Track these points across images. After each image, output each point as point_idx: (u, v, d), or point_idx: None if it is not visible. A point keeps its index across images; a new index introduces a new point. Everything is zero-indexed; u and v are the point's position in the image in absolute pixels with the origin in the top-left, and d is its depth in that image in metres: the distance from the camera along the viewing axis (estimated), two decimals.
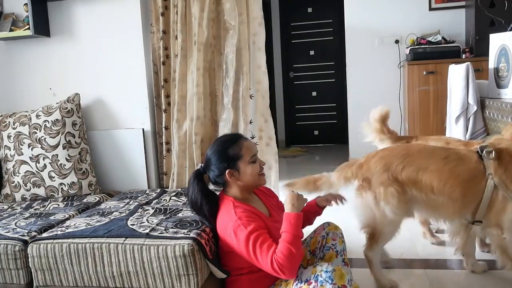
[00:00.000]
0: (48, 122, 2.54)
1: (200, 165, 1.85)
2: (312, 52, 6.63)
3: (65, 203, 2.42)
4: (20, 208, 2.39)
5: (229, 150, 1.74)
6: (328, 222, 1.87)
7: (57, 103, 2.63)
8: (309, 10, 6.54)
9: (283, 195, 2.50)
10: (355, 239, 2.20)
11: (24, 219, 2.15)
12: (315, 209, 1.94)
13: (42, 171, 2.52)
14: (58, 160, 2.52)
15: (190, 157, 2.59)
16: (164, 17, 2.62)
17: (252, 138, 2.54)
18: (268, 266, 1.55)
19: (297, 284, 1.59)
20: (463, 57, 4.14)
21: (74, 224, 1.96)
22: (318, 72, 6.63)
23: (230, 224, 1.64)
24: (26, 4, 2.70)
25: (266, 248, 1.56)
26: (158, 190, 2.53)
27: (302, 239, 1.64)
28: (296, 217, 1.61)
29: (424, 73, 4.19)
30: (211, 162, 1.78)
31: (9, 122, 2.60)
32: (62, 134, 2.54)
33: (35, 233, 1.94)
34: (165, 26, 2.63)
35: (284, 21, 6.65)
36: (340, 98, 6.30)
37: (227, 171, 1.74)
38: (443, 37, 4.32)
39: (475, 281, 2.23)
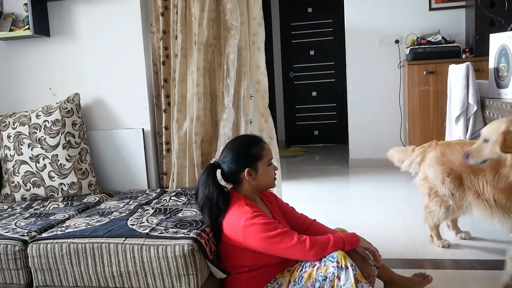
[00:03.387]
0: (48, 122, 2.54)
1: (213, 159, 1.87)
2: (312, 52, 6.63)
3: (65, 203, 2.42)
4: (20, 208, 2.39)
5: (252, 149, 1.78)
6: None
7: (57, 103, 2.63)
8: (309, 10, 6.55)
9: (285, 195, 2.51)
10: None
11: (24, 219, 2.15)
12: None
13: (42, 171, 2.52)
14: (58, 160, 2.52)
15: (190, 157, 2.59)
16: (164, 17, 2.62)
17: None
18: (294, 241, 1.60)
19: (301, 269, 1.64)
20: (463, 57, 4.14)
21: (74, 224, 1.96)
22: (318, 72, 6.64)
23: (245, 217, 1.66)
24: (26, 4, 2.69)
25: (289, 231, 1.64)
26: (158, 190, 2.53)
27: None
28: (353, 244, 1.67)
29: (424, 73, 4.19)
30: (230, 157, 1.80)
31: (9, 122, 2.60)
32: (62, 134, 2.54)
33: (35, 233, 1.94)
34: (165, 26, 2.63)
35: (284, 21, 6.65)
36: (340, 98, 6.30)
37: (246, 169, 1.76)
38: (443, 37, 4.32)
39: (475, 280, 2.23)
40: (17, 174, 2.54)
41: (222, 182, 1.85)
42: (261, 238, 1.63)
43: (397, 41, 4.65)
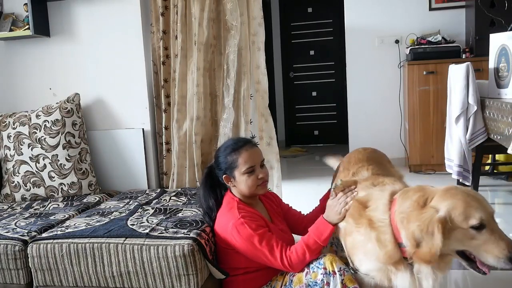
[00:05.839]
0: (48, 122, 2.54)
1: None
2: (312, 52, 6.63)
3: (65, 203, 2.42)
4: (20, 208, 2.39)
5: (227, 157, 1.76)
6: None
7: (57, 103, 2.63)
8: (309, 10, 6.54)
9: (285, 195, 2.51)
10: None
11: (24, 219, 2.15)
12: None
13: (42, 171, 2.52)
14: (58, 160, 2.52)
15: (190, 157, 2.59)
16: (164, 17, 2.62)
17: (253, 137, 2.55)
18: (277, 261, 1.59)
19: (292, 274, 1.64)
20: (463, 57, 4.14)
21: (74, 224, 1.96)
22: (318, 72, 6.63)
23: (232, 222, 1.66)
24: (26, 4, 2.69)
25: (275, 244, 1.61)
26: (158, 190, 2.53)
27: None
28: (332, 230, 1.60)
29: (424, 73, 4.19)
30: (216, 162, 1.82)
31: (9, 122, 2.60)
32: (62, 134, 2.54)
33: (35, 233, 1.94)
34: (165, 26, 2.63)
35: (284, 21, 6.65)
36: (340, 98, 6.30)
37: (224, 176, 1.77)
38: (443, 37, 4.32)
39: (475, 280, 2.23)
40: (17, 174, 2.54)
41: None
42: (245, 248, 1.64)
43: (397, 41, 4.65)
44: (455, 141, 3.11)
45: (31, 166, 2.53)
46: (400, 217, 1.36)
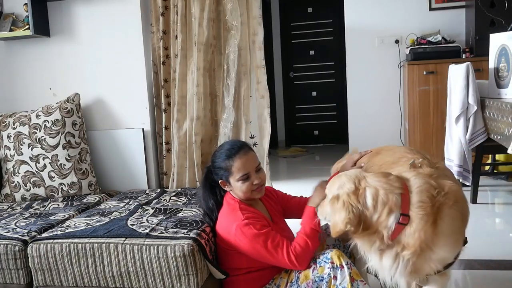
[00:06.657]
0: (48, 122, 2.54)
1: None
2: (312, 52, 6.62)
3: (65, 203, 2.42)
4: (20, 208, 2.39)
5: (221, 164, 1.75)
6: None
7: (57, 103, 2.63)
8: (309, 10, 6.54)
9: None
10: None
11: (24, 219, 2.15)
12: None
13: (42, 171, 2.52)
14: (58, 160, 2.52)
15: (190, 157, 2.59)
16: (164, 17, 2.62)
17: (252, 137, 2.55)
18: (283, 258, 1.59)
19: (297, 270, 1.63)
20: (463, 57, 4.14)
21: (74, 224, 1.96)
22: (318, 72, 6.63)
23: (236, 223, 1.65)
24: (26, 4, 2.70)
25: (280, 243, 1.61)
26: (158, 190, 2.53)
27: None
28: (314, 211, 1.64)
29: (424, 73, 4.19)
30: (212, 166, 1.81)
31: (9, 122, 2.60)
32: (62, 134, 2.54)
33: (35, 233, 1.94)
34: (165, 26, 2.64)
35: (284, 21, 6.65)
36: (340, 98, 6.30)
37: (220, 181, 1.77)
38: (443, 37, 4.32)
39: (474, 280, 2.23)
40: (17, 174, 2.54)
41: None
42: (251, 248, 1.63)
43: (397, 41, 4.64)
44: (455, 141, 3.11)
45: (31, 166, 2.53)
46: None
